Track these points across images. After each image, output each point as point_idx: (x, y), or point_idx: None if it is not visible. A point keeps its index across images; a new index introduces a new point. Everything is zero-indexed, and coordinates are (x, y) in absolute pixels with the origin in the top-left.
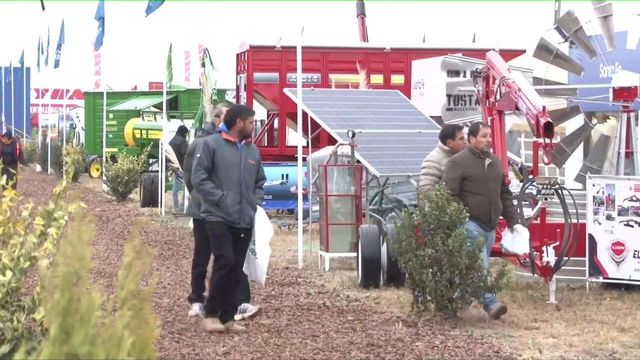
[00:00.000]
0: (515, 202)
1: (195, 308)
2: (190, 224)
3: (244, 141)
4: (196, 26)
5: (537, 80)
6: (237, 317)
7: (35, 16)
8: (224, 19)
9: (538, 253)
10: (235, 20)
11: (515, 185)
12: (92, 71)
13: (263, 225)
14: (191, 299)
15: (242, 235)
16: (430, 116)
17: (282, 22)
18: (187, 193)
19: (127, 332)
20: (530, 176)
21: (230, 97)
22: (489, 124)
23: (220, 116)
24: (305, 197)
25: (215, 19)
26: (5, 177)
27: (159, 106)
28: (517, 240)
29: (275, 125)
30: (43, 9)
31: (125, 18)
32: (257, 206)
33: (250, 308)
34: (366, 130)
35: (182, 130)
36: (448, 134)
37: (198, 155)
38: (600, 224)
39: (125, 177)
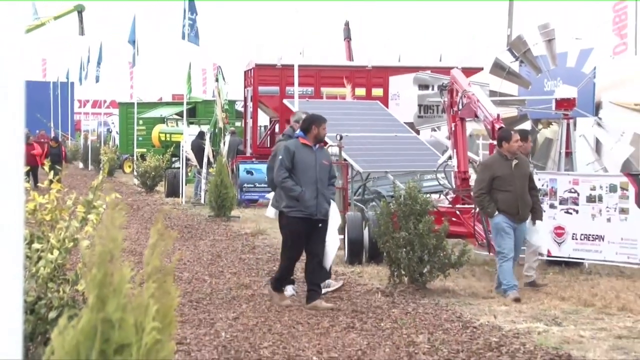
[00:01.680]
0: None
1: (290, 289)
2: (271, 214)
3: (318, 145)
4: (211, 48)
5: (492, 93)
6: (323, 291)
7: (78, 39)
8: (234, 42)
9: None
10: (243, 43)
11: (474, 179)
12: (127, 85)
13: (334, 216)
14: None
15: (319, 225)
16: (405, 122)
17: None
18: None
19: (152, 301)
20: None
21: (239, 107)
22: (453, 129)
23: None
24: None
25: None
26: (52, 173)
27: (180, 114)
28: (534, 233)
29: (276, 129)
30: (82, 34)
31: (153, 41)
32: (331, 200)
33: (333, 283)
34: (351, 134)
35: (201, 135)
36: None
37: (280, 157)
38: (544, 211)
39: (152, 173)
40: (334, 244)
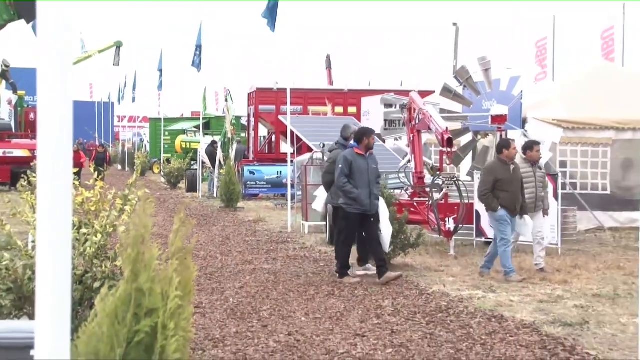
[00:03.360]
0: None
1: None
2: (318, 208)
3: (368, 152)
4: (222, 75)
5: (442, 111)
6: (361, 273)
7: (117, 68)
8: (240, 71)
9: (443, 222)
10: (247, 72)
11: (428, 179)
12: (156, 104)
13: (383, 209)
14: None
15: (372, 219)
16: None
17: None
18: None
19: (175, 274)
20: (438, 172)
21: (243, 121)
22: (412, 139)
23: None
24: (292, 186)
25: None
26: (97, 173)
27: (197, 127)
28: (523, 226)
29: (273, 139)
30: (118, 65)
31: (176, 69)
32: (379, 196)
33: (371, 267)
34: (332, 142)
35: (214, 143)
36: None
37: (340, 165)
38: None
39: (176, 173)
40: (388, 230)
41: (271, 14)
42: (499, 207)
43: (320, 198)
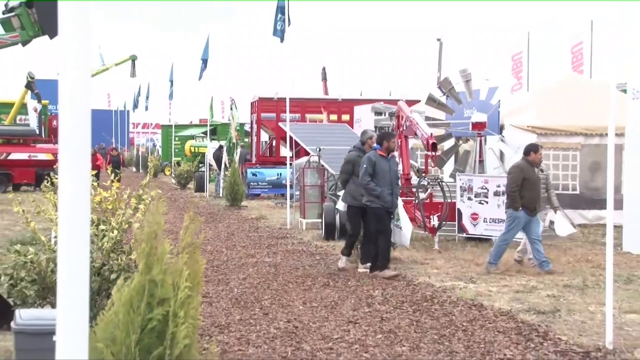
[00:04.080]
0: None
1: (344, 260)
2: (341, 207)
3: (390, 154)
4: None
5: (427, 118)
6: (362, 270)
7: (132, 80)
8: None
9: (428, 219)
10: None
11: (415, 180)
12: (167, 112)
13: (402, 208)
14: (343, 253)
15: (391, 217)
16: None
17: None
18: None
19: (185, 267)
20: (423, 174)
21: (247, 128)
22: (399, 144)
23: (373, 138)
24: (291, 186)
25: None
26: (113, 175)
27: (205, 133)
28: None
29: (273, 144)
30: (134, 76)
31: (185, 81)
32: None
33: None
34: (327, 147)
35: (220, 148)
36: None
37: (364, 165)
38: (464, 202)
39: (185, 175)
40: (408, 228)
41: (280, 27)
42: (520, 208)
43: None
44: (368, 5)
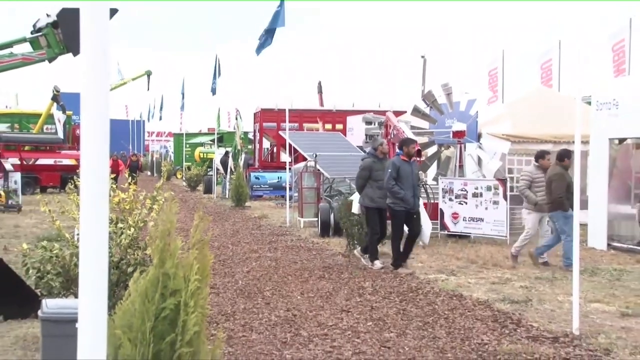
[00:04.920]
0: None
1: (378, 263)
2: (356, 210)
3: (412, 159)
4: (233, 97)
5: (412, 127)
6: (372, 265)
7: (147, 93)
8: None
9: None
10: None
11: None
12: (178, 122)
13: (423, 209)
14: (373, 258)
15: (415, 216)
16: (357, 146)
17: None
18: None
19: (195, 261)
20: None
21: (250, 136)
22: (388, 150)
23: (383, 144)
24: (290, 189)
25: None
26: (130, 178)
27: (212, 141)
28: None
29: (274, 150)
30: (149, 90)
31: (195, 93)
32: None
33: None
34: (322, 153)
35: (227, 154)
36: (541, 155)
37: (389, 170)
38: (445, 203)
39: (195, 178)
40: (428, 226)
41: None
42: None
43: (356, 201)
44: (360, 26)
